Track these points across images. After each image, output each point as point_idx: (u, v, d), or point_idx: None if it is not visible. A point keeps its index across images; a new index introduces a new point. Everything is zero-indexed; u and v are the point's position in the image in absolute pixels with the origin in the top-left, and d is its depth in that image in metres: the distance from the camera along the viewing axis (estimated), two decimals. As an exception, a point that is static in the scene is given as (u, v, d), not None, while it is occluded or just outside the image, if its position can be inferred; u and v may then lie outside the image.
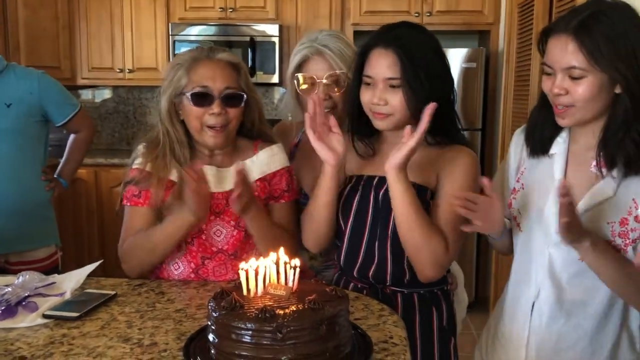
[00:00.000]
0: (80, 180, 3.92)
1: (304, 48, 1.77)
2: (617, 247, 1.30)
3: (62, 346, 1.20)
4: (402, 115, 1.44)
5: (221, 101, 1.57)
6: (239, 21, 4.06)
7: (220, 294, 1.10)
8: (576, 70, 1.26)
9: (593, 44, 1.24)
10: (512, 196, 1.49)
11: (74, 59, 4.22)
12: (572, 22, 1.26)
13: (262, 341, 1.01)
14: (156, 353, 1.17)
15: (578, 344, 1.39)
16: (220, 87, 1.57)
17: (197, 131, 1.59)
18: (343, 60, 1.74)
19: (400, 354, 1.16)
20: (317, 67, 1.75)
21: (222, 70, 1.59)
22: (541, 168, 1.44)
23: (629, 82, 1.24)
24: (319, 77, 1.75)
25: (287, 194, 1.69)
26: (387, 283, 1.51)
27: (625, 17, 1.26)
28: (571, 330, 1.39)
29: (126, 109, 4.67)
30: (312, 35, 1.80)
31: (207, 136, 1.59)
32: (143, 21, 4.15)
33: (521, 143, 1.52)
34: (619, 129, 1.28)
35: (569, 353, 1.40)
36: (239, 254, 1.62)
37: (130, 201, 1.63)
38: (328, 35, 1.78)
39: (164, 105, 1.61)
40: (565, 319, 1.40)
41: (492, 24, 3.95)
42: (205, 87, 1.56)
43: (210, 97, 1.56)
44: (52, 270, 2.30)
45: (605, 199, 1.32)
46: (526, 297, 1.45)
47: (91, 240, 4.06)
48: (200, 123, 1.58)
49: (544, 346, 1.42)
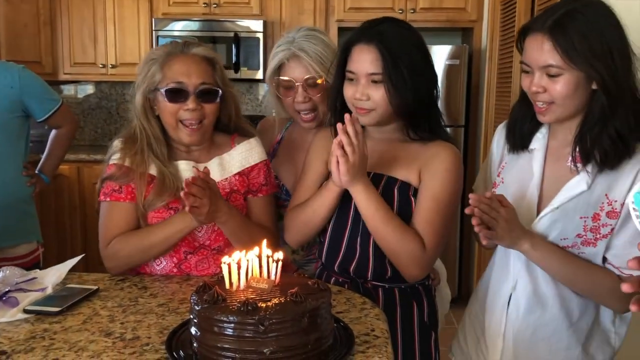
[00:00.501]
0: (62, 176, 3.89)
1: (281, 51, 1.77)
2: (587, 241, 1.33)
3: (43, 341, 1.19)
4: (385, 111, 1.45)
5: (196, 97, 1.55)
6: (223, 17, 4.05)
7: (202, 288, 1.11)
8: (553, 68, 1.28)
9: (568, 42, 1.25)
10: (493, 190, 1.51)
11: (56, 55, 4.18)
12: (548, 21, 1.28)
13: (244, 334, 1.01)
14: (138, 347, 1.17)
15: (553, 336, 1.41)
16: (195, 83, 1.55)
17: (172, 128, 1.58)
18: (320, 62, 1.73)
19: (382, 347, 1.17)
20: (294, 71, 1.75)
21: (197, 66, 1.57)
22: (521, 163, 1.46)
23: (604, 79, 1.26)
24: (297, 80, 1.75)
25: (265, 187, 1.69)
26: (368, 278, 1.52)
27: (600, 14, 1.28)
28: (547, 322, 1.42)
29: (109, 105, 4.64)
30: (289, 35, 1.79)
31: (182, 133, 1.58)
32: (126, 16, 4.12)
33: (503, 138, 1.53)
34: (596, 125, 1.30)
35: (544, 345, 1.42)
36: (222, 248, 1.61)
37: (110, 196, 1.60)
38: (305, 37, 1.77)
39: (139, 101, 1.59)
40: (541, 311, 1.42)
41: (475, 22, 3.98)
42: (180, 82, 1.55)
43: (185, 92, 1.55)
44: (34, 266, 2.29)
45: (579, 193, 1.34)
46: (504, 288, 1.47)
47: (73, 236, 4.03)
48: (175, 119, 1.56)
49: (520, 337, 1.44)
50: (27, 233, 2.50)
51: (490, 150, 1.60)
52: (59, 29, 4.15)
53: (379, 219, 1.42)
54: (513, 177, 1.47)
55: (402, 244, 1.42)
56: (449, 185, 1.46)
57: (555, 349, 1.42)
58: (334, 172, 1.40)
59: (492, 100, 3.69)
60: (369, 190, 1.42)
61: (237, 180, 1.64)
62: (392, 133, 1.53)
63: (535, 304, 1.42)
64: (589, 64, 1.25)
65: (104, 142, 4.61)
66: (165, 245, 1.56)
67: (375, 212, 1.42)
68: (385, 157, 1.51)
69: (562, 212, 1.35)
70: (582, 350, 1.41)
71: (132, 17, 4.11)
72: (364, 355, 1.12)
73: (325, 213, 1.51)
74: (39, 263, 2.50)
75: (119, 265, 1.60)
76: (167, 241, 1.56)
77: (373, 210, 1.42)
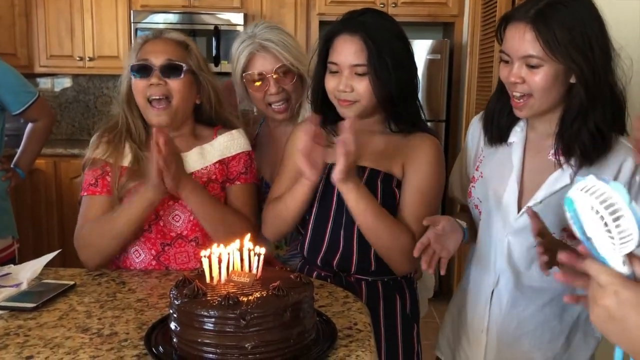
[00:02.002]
0: (39, 170, 3.82)
1: (246, 46, 1.75)
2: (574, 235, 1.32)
3: (18, 337, 1.16)
4: (368, 102, 1.44)
5: (160, 72, 1.57)
6: (203, 9, 4.00)
7: (182, 282, 1.08)
8: (533, 59, 1.27)
9: (550, 33, 1.24)
10: (472, 185, 1.50)
11: (32, 47, 4.09)
12: (531, 11, 1.27)
13: (225, 328, 0.99)
14: (116, 343, 1.14)
15: (537, 329, 1.41)
16: (160, 59, 1.57)
17: (143, 108, 1.59)
18: (287, 50, 1.73)
19: (365, 340, 1.16)
20: (264, 62, 1.74)
21: (165, 46, 1.60)
22: (499, 156, 1.45)
23: (583, 72, 1.25)
24: (267, 72, 1.73)
25: (244, 176, 1.67)
26: (352, 271, 1.51)
27: (583, 7, 1.28)
28: (530, 316, 1.42)
29: (87, 98, 4.56)
30: (248, 31, 1.78)
31: (151, 114, 1.58)
32: (104, 8, 4.04)
33: (478, 131, 1.52)
34: (575, 120, 1.30)
35: (528, 338, 1.42)
36: (200, 240, 1.59)
37: (87, 191, 1.60)
38: (266, 28, 1.76)
39: (124, 89, 1.62)
40: (524, 305, 1.42)
41: (456, 16, 3.98)
42: (146, 60, 1.58)
43: (148, 68, 1.57)
44: (9, 262, 2.23)
45: (563, 187, 1.33)
46: (487, 283, 1.47)
47: (50, 231, 3.96)
48: (144, 98, 1.57)
49: (504, 332, 1.44)
50: (2, 228, 2.46)
51: (464, 144, 1.59)
52: (34, 21, 4.06)
53: (370, 216, 1.40)
54: (492, 170, 1.46)
55: (394, 239, 1.41)
56: (433, 177, 1.46)
57: (539, 342, 1.42)
58: None
59: (473, 94, 3.71)
60: (360, 188, 1.39)
61: (216, 169, 1.63)
62: (374, 125, 1.52)
63: (517, 298, 1.42)
64: (569, 57, 1.25)
65: (81, 136, 4.53)
66: (130, 227, 1.53)
67: (365, 209, 1.39)
68: (367, 150, 1.49)
69: (546, 206, 1.35)
70: (565, 341, 1.41)
71: (110, 9, 4.04)
72: (347, 349, 1.11)
73: (297, 208, 1.48)
74: (14, 259, 2.46)
75: (91, 255, 1.57)
76: (131, 223, 1.53)
77: (363, 207, 1.39)
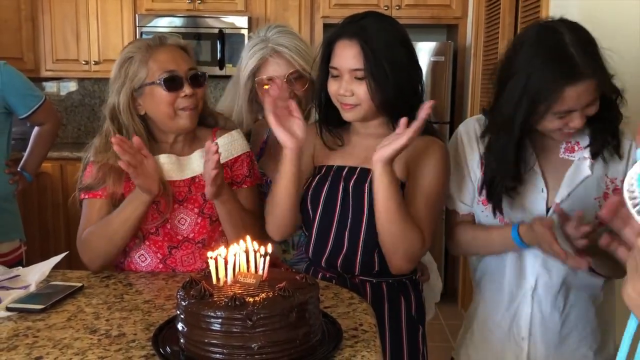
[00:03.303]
0: (45, 174, 3.84)
1: (258, 50, 1.73)
2: None
3: (27, 338, 1.17)
4: (369, 106, 1.44)
5: (189, 82, 1.56)
6: (208, 13, 4.02)
7: (189, 283, 1.10)
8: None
9: None
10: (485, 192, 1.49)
11: (38, 51, 4.12)
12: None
13: (232, 329, 1.00)
14: (124, 344, 1.15)
15: (579, 323, 1.46)
16: (184, 69, 1.57)
17: (170, 117, 1.57)
18: (300, 55, 1.72)
19: (370, 341, 1.17)
20: (277, 68, 1.72)
21: (179, 53, 1.59)
22: None
23: None
24: (279, 76, 1.72)
25: (249, 179, 1.68)
26: (356, 273, 1.52)
27: None
28: (573, 312, 1.45)
29: (92, 102, 4.59)
30: (260, 34, 1.76)
31: (182, 120, 1.57)
32: (109, 12, 4.07)
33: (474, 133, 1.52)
34: None
35: (574, 335, 1.46)
36: (206, 242, 1.61)
37: (88, 194, 1.60)
38: (279, 32, 1.74)
39: (123, 101, 1.56)
40: (565, 303, 1.45)
41: (460, 18, 3.99)
42: (172, 71, 1.55)
43: (179, 79, 1.55)
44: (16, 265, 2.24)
45: (585, 177, 1.39)
46: (524, 289, 1.48)
47: (57, 234, 3.98)
48: (173, 109, 1.56)
49: (550, 334, 1.47)
50: (10, 231, 2.47)
51: (459, 150, 1.55)
52: (40, 25, 4.10)
53: (394, 204, 1.37)
54: None
55: (406, 234, 1.40)
56: (438, 180, 1.46)
57: (584, 335, 1.46)
58: None
59: (477, 96, 3.71)
60: (394, 176, 1.38)
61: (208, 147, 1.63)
62: (378, 128, 1.52)
63: (559, 298, 1.45)
64: None
65: (87, 139, 4.48)
66: (125, 227, 1.54)
67: (392, 197, 1.37)
68: (372, 152, 1.50)
69: (575, 198, 1.39)
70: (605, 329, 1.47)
71: (116, 13, 4.07)
72: (352, 350, 1.12)
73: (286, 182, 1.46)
74: (22, 261, 2.47)
75: (92, 257, 1.58)
76: (126, 223, 1.53)
77: (392, 193, 1.37)
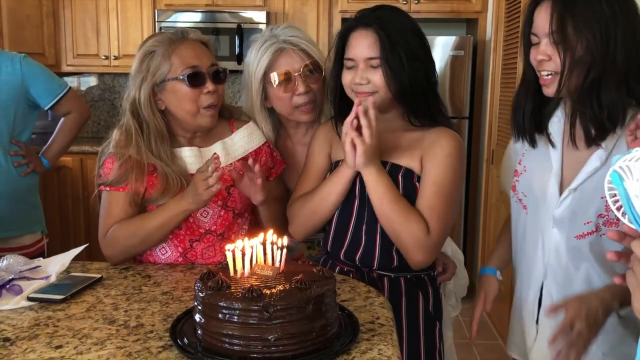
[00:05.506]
0: (66, 167, 3.89)
1: (269, 45, 1.69)
2: (610, 221, 1.30)
3: (47, 328, 1.19)
4: (385, 94, 1.44)
5: (211, 78, 1.55)
6: (226, 8, 4.03)
7: (207, 275, 1.10)
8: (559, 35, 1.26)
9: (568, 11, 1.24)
10: (515, 179, 1.49)
11: (59, 46, 4.17)
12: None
13: (249, 320, 1.01)
14: (142, 334, 1.16)
15: None
16: (207, 65, 1.55)
17: (193, 114, 1.56)
18: (311, 49, 1.70)
19: (387, 334, 1.16)
20: (291, 61, 1.68)
21: (201, 49, 1.58)
22: (540, 149, 1.44)
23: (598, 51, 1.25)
24: (294, 70, 1.68)
25: (274, 170, 1.70)
26: (374, 267, 1.52)
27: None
28: None
29: (112, 97, 4.63)
30: (267, 33, 1.74)
31: (205, 117, 1.57)
32: (129, 7, 4.10)
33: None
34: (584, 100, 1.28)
35: None
36: (226, 234, 1.61)
37: (109, 187, 1.59)
38: (286, 28, 1.73)
39: (144, 96, 1.54)
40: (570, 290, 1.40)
41: (480, 12, 3.95)
42: (195, 66, 1.53)
43: (202, 75, 1.54)
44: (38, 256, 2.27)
45: (594, 170, 1.31)
46: (535, 277, 1.46)
47: (77, 227, 4.03)
48: (197, 105, 1.54)
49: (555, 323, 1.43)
50: (32, 223, 2.50)
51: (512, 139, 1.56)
52: (61, 21, 4.14)
53: (386, 200, 1.42)
54: (535, 164, 1.45)
55: (405, 225, 1.41)
56: (450, 170, 1.45)
57: None
58: (349, 155, 1.40)
59: (496, 91, 3.67)
60: (382, 173, 1.42)
61: (241, 165, 1.63)
62: (393, 121, 1.52)
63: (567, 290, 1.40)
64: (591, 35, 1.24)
65: (106, 134, 4.49)
66: (161, 231, 1.55)
67: (383, 194, 1.42)
68: (388, 145, 1.50)
69: (581, 192, 1.33)
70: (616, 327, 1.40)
71: (135, 8, 4.10)
72: (369, 343, 1.12)
73: (335, 199, 1.50)
74: (44, 253, 2.50)
75: (116, 253, 1.59)
76: (163, 228, 1.55)
77: (382, 192, 1.42)
